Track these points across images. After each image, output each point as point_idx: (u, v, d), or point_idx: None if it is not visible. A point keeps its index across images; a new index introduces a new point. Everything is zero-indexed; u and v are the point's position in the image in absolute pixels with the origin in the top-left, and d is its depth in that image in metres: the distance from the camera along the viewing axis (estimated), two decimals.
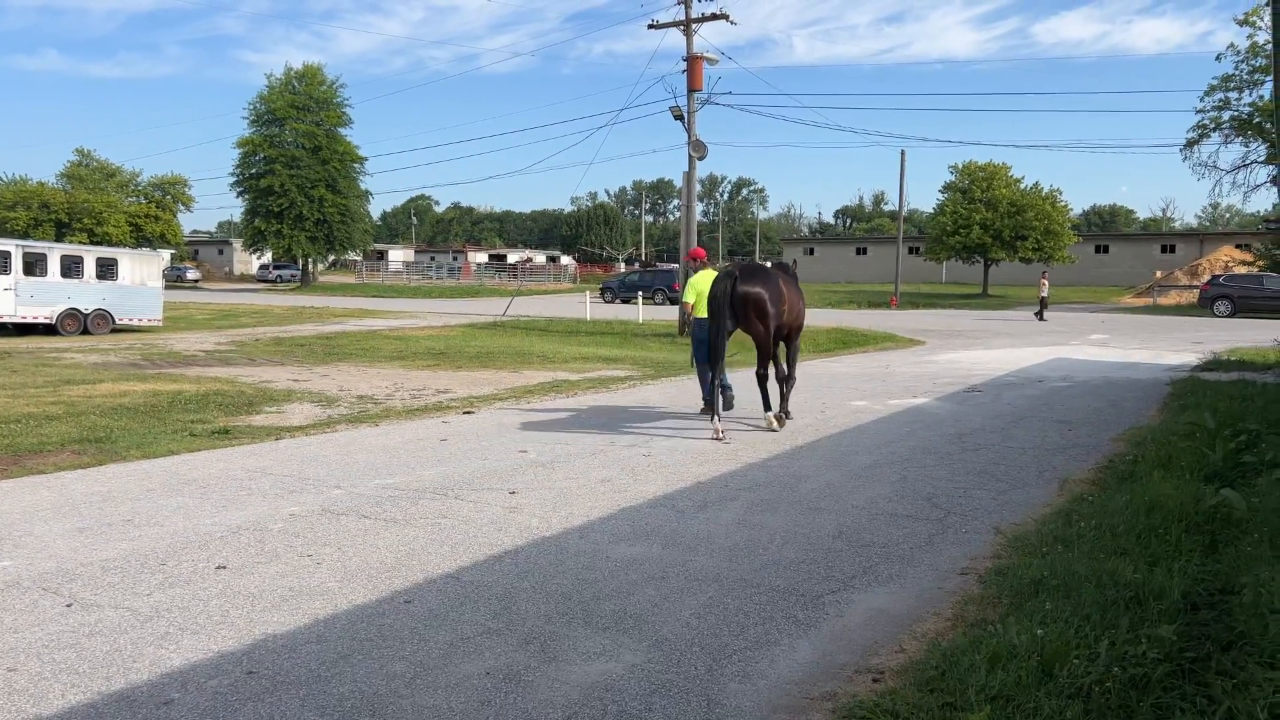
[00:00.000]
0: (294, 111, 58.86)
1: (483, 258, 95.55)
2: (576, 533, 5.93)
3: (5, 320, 23.48)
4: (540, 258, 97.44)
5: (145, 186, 68.13)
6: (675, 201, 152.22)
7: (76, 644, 4.05)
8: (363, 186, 64.45)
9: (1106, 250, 73.50)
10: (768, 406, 10.30)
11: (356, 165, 62.79)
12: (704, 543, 5.74)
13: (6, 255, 23.74)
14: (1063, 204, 54.61)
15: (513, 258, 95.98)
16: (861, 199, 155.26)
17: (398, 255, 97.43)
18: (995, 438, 9.69)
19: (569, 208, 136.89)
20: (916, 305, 45.73)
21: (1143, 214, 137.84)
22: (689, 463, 8.24)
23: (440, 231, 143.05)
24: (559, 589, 4.86)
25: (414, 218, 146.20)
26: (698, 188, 26.17)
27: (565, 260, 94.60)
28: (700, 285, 11.09)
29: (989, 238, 53.08)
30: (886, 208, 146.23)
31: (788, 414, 10.62)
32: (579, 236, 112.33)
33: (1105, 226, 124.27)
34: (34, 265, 24.17)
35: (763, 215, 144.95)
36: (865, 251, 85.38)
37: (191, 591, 4.74)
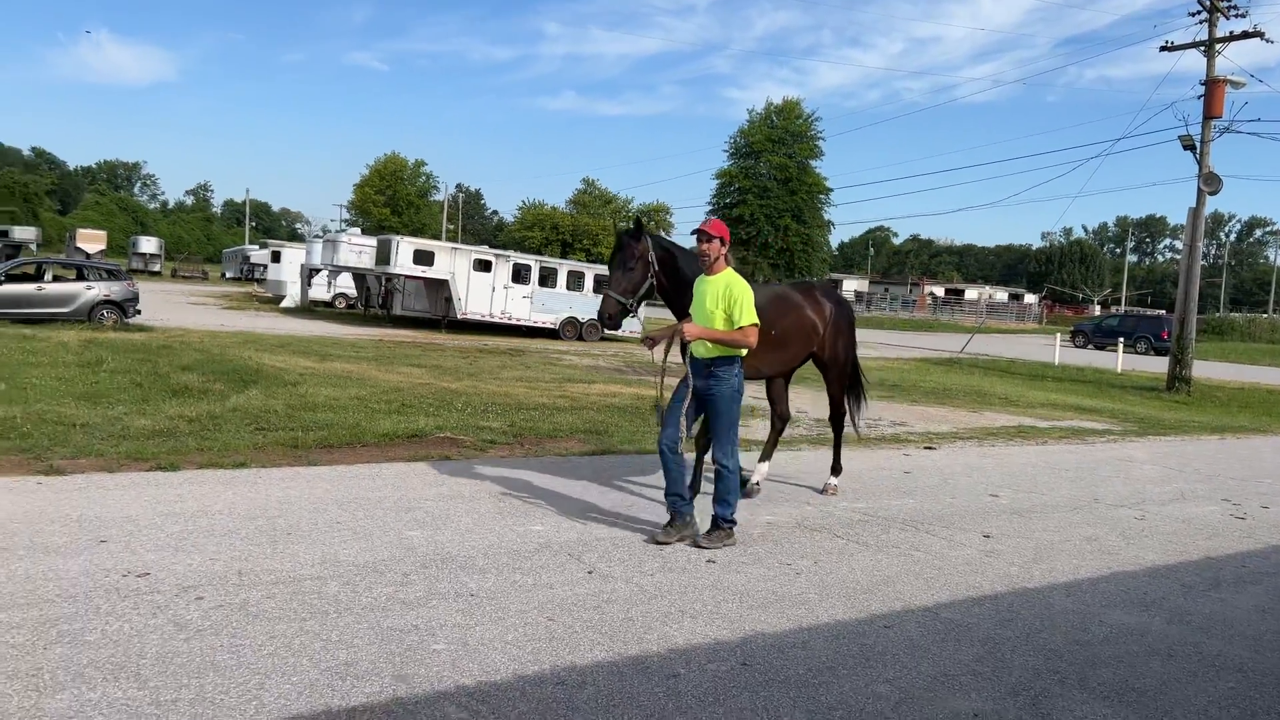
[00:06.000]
0: (770, 145, 62.05)
1: (939, 291, 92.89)
2: (1062, 589, 5.52)
3: (521, 323, 27.58)
4: (1001, 295, 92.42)
5: (635, 213, 76.08)
6: (1167, 240, 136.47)
7: (598, 607, 4.61)
8: (826, 217, 66.06)
9: None
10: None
11: (822, 196, 64.54)
12: (1219, 625, 5.03)
13: (528, 268, 27.95)
14: None
15: (971, 293, 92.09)
16: None
17: (851, 284, 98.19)
18: None
19: (1038, 243, 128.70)
20: None
21: None
22: (1192, 533, 7.29)
23: (896, 263, 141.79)
24: (1047, 644, 4.56)
25: (870, 248, 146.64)
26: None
27: (1030, 299, 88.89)
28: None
29: None
30: None
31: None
32: (1048, 274, 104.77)
33: None
34: (546, 278, 28.19)
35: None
36: None
37: (687, 579, 5.17)
